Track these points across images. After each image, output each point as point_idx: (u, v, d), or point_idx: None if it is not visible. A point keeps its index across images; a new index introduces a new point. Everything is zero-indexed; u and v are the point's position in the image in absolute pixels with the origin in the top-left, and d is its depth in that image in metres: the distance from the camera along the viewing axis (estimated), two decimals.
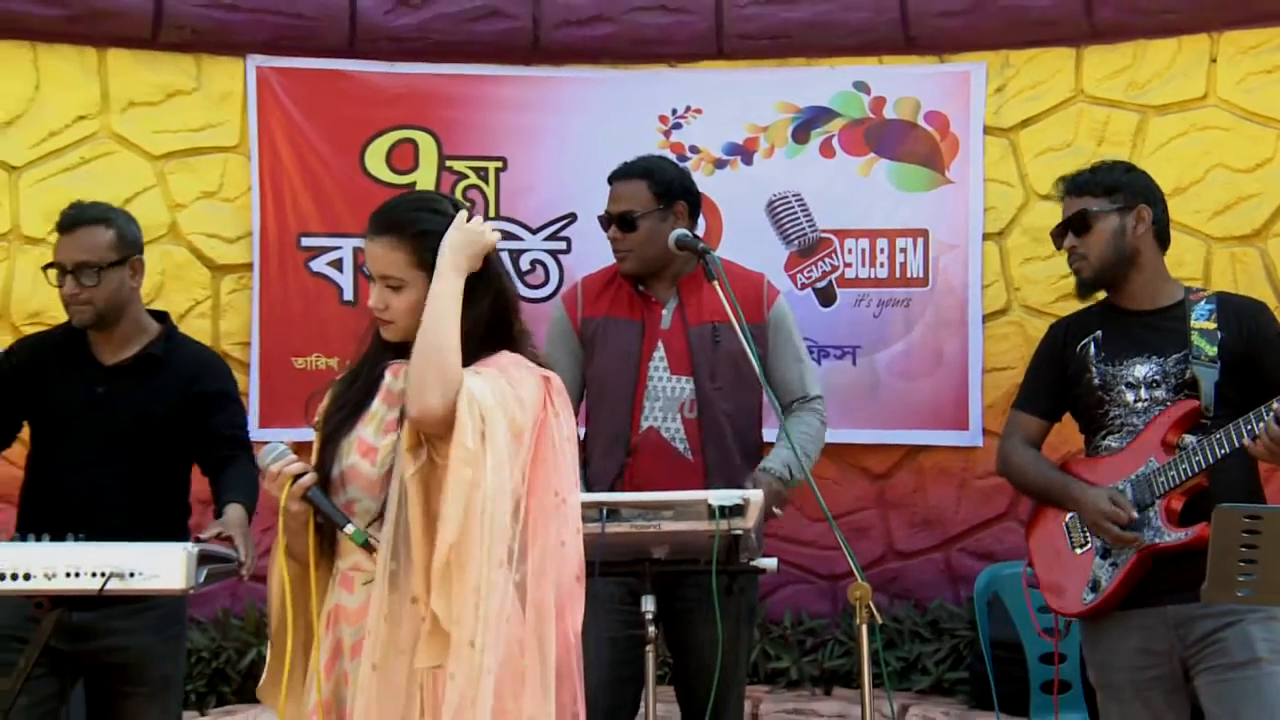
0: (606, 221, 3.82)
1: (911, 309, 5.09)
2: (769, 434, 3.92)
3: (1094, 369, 3.39)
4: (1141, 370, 3.35)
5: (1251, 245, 4.87)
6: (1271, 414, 3.02)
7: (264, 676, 2.59)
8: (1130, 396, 3.35)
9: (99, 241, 3.51)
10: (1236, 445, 3.11)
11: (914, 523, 5.13)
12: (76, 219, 3.56)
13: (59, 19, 4.82)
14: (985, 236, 5.07)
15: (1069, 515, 3.39)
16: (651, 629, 3.31)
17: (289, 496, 2.41)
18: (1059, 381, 3.50)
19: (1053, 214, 4.94)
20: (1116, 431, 3.37)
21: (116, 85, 4.98)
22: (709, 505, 3.24)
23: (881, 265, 5.11)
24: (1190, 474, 3.19)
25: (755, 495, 3.31)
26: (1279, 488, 4.07)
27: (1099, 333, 3.43)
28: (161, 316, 3.68)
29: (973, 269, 5.06)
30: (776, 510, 3.69)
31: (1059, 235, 3.47)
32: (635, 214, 3.75)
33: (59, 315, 3.64)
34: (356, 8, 5.01)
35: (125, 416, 3.50)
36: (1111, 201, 3.40)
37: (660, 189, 3.80)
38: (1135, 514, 3.22)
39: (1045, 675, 4.41)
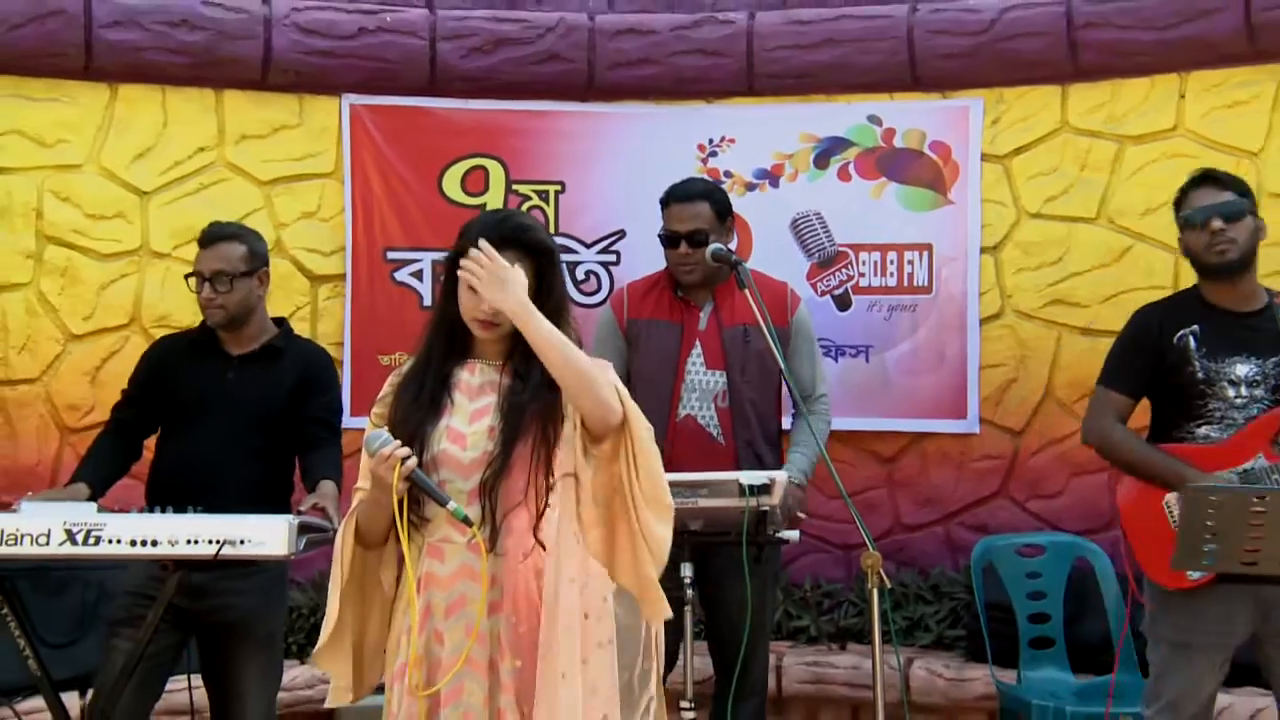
0: (674, 239, 3.74)
1: (917, 313, 5.06)
2: (785, 422, 3.94)
3: (1196, 363, 3.24)
4: (1242, 369, 3.23)
5: None
6: None
7: (321, 643, 2.53)
8: (1231, 393, 3.22)
9: (233, 254, 3.54)
10: None
11: (918, 500, 5.10)
12: (216, 235, 3.59)
13: (184, 65, 4.85)
14: (982, 250, 5.03)
15: (1170, 495, 3.21)
16: (689, 591, 3.32)
17: (398, 476, 2.40)
18: (1153, 367, 3.32)
19: (1042, 231, 4.98)
20: (1216, 423, 3.24)
21: (231, 121, 5.01)
22: (740, 484, 3.24)
23: (891, 275, 5.08)
24: None
25: (780, 476, 3.31)
26: None
27: (1196, 327, 3.28)
28: (280, 321, 3.71)
29: (971, 278, 5.02)
30: (801, 514, 3.66)
31: (1208, 213, 3.25)
32: (706, 232, 3.72)
33: (183, 320, 3.68)
34: (436, 53, 5.02)
35: (250, 399, 3.50)
36: (1248, 203, 3.29)
37: (719, 208, 3.79)
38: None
39: (1032, 633, 4.40)
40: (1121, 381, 3.40)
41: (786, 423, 3.94)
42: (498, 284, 2.41)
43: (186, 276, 3.58)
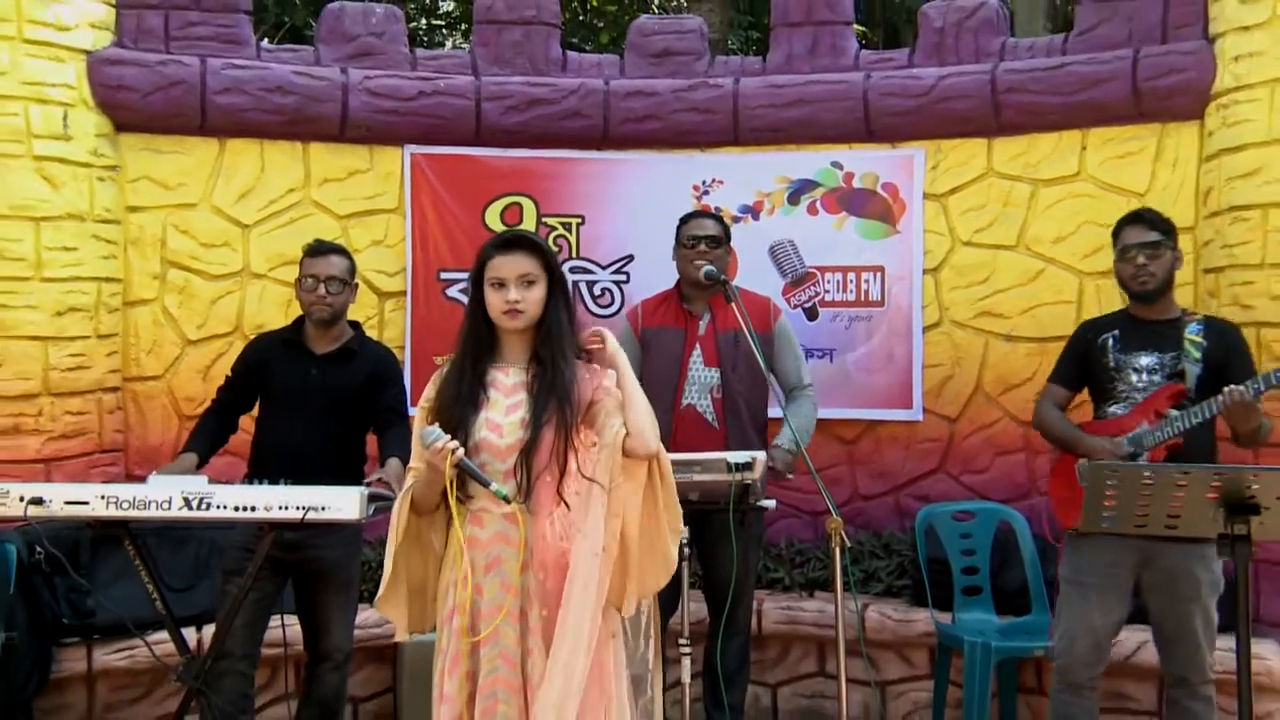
0: (696, 240, 3.82)
1: (872, 323, 5.05)
2: (773, 411, 3.93)
3: (1111, 356, 3.39)
4: (1145, 360, 3.33)
5: (1110, 280, 4.72)
6: (1230, 391, 3.08)
7: (381, 592, 2.56)
8: (1135, 378, 3.33)
9: (343, 265, 3.58)
10: (1208, 417, 3.15)
11: (873, 475, 5.10)
12: (328, 248, 3.62)
13: (278, 122, 4.88)
14: (924, 271, 5.03)
15: (1080, 461, 3.37)
16: (686, 550, 3.33)
17: (449, 464, 2.42)
18: (1082, 363, 3.49)
19: (972, 256, 4.98)
20: (1122, 402, 3.35)
21: (315, 167, 5.03)
22: (727, 462, 3.26)
23: (850, 291, 5.08)
24: (1172, 435, 3.21)
25: (760, 455, 3.32)
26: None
27: (1117, 331, 3.41)
28: (354, 324, 3.73)
29: (915, 295, 5.02)
30: (789, 475, 3.67)
31: (1135, 250, 3.36)
32: (718, 238, 3.83)
33: (277, 327, 3.66)
34: (480, 111, 5.03)
35: (331, 391, 3.53)
36: (1169, 240, 3.37)
37: (725, 230, 3.91)
38: (1124, 450, 3.24)
39: (964, 582, 4.41)
40: (1059, 376, 3.57)
41: (773, 412, 3.94)
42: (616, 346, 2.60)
43: (298, 279, 3.58)
